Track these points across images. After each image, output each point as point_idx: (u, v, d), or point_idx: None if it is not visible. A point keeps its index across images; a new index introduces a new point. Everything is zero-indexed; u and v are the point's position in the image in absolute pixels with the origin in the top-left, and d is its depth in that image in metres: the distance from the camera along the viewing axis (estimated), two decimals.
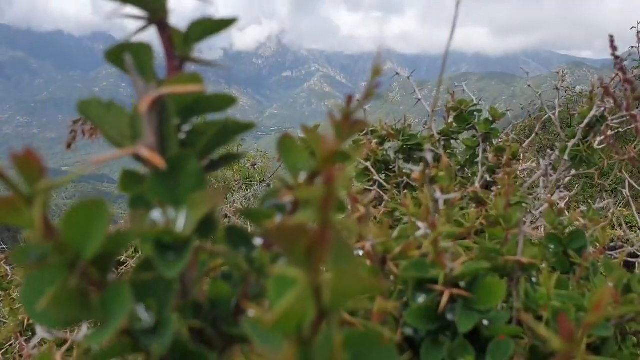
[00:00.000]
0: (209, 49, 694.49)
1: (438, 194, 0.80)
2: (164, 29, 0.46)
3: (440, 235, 0.66)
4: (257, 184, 6.28)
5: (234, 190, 6.41)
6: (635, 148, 1.12)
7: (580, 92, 13.47)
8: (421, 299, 0.68)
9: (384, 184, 1.26)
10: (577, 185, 1.69)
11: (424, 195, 0.65)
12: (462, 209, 0.97)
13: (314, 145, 0.41)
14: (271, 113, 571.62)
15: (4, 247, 5.68)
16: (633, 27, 6.44)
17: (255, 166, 6.59)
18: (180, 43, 0.46)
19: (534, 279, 0.75)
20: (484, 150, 1.29)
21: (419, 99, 1.60)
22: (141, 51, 0.45)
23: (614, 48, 1.05)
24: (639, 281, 0.71)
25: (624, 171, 1.33)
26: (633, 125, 1.04)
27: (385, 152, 1.36)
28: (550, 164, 1.30)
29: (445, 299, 0.65)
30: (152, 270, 0.36)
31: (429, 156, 0.74)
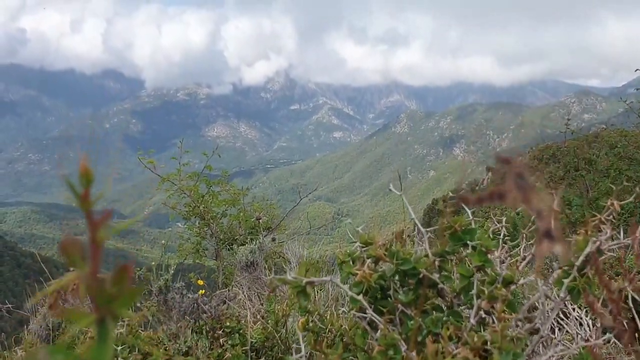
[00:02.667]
0: (218, 84, 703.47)
1: None
2: None
3: None
4: (262, 235, 6.23)
5: (240, 243, 6.36)
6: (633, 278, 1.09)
7: (587, 136, 13.41)
8: None
9: (377, 318, 1.22)
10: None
11: None
12: None
13: None
14: (280, 146, 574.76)
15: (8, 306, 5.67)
16: (637, 70, 6.40)
17: (260, 220, 6.55)
18: None
19: None
20: (480, 275, 1.25)
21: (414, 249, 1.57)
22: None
23: None
24: None
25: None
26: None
27: (381, 272, 1.31)
28: (549, 288, 1.26)
29: None
30: None
31: None
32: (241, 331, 2.24)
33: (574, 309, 1.84)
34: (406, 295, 1.26)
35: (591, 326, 1.69)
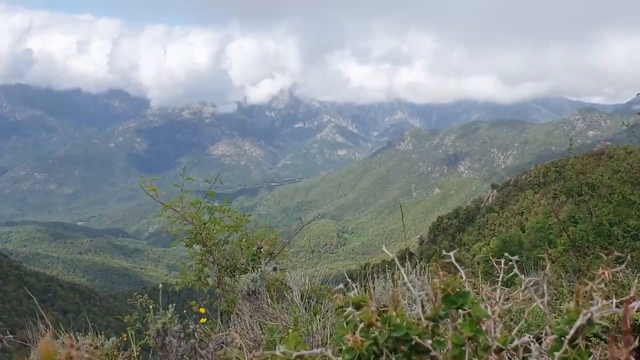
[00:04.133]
0: (223, 103, 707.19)
1: None
2: None
3: None
4: (264, 263, 6.22)
5: (242, 271, 6.35)
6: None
7: (590, 156, 13.45)
8: None
9: None
10: None
11: None
12: None
13: None
14: (284, 164, 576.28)
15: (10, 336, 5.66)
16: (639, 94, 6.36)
17: (262, 249, 6.53)
18: None
19: None
20: (472, 342, 1.24)
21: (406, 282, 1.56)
22: None
23: None
24: None
25: None
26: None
27: (374, 337, 1.30)
28: (542, 355, 1.25)
29: None
30: None
31: None
32: None
33: None
34: None
35: None
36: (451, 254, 1.44)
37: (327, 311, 5.42)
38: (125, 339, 5.51)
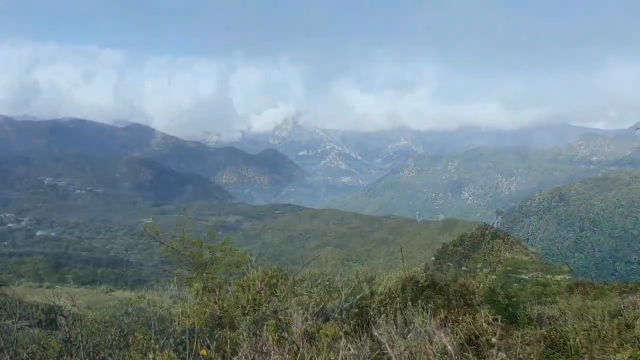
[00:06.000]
0: (227, 132, 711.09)
1: None
2: None
3: None
4: (265, 304, 6.23)
5: (245, 314, 6.35)
6: None
7: (594, 181, 13.45)
8: None
9: None
10: None
11: None
12: None
13: None
14: (288, 191, 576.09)
15: None
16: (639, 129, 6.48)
17: (262, 292, 6.53)
18: None
19: None
20: None
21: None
22: None
23: None
24: None
25: None
26: None
27: None
28: None
29: None
30: None
31: None
32: None
33: None
34: None
35: None
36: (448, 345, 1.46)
37: (330, 351, 5.38)
38: None
